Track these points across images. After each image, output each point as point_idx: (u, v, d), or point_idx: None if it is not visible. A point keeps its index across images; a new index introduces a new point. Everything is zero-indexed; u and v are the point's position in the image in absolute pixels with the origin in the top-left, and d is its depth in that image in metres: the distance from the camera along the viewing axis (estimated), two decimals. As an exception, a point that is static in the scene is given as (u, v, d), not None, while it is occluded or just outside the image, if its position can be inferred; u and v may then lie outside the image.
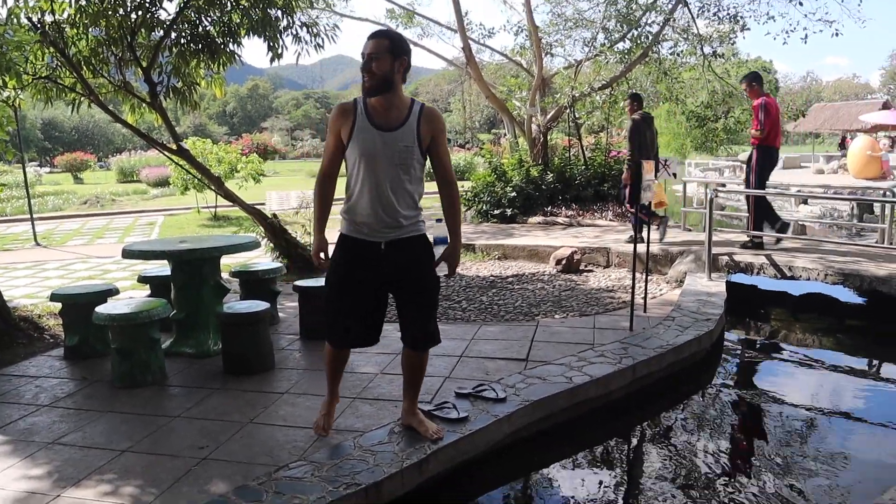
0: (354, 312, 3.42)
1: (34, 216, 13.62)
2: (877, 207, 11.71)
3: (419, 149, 3.26)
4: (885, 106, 31.12)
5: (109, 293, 5.39)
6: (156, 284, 5.96)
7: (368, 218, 3.26)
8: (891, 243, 8.63)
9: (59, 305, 5.45)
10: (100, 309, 4.64)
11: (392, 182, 3.22)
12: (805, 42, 12.73)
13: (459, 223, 3.49)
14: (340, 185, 3.32)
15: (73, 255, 11.13)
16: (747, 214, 8.52)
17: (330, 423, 3.67)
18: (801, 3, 12.42)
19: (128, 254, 5.13)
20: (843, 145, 28.62)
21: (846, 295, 7.55)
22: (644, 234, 6.40)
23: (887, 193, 9.67)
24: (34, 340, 5.70)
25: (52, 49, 6.80)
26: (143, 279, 6.15)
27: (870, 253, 7.84)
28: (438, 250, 3.43)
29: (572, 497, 3.59)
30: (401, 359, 3.64)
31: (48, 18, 6.68)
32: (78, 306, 5.16)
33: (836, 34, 12.45)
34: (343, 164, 3.37)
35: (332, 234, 3.36)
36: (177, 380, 4.70)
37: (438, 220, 3.48)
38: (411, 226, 3.34)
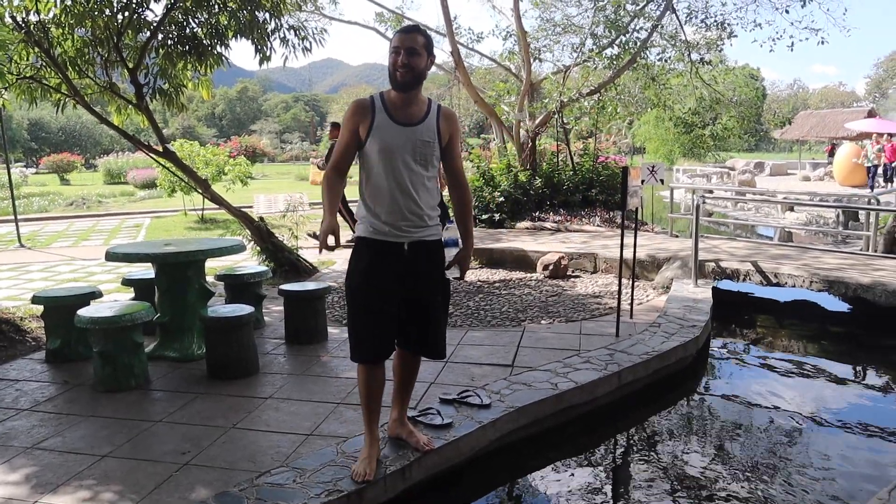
0: (384, 321, 3.22)
1: (18, 217, 13.47)
2: (861, 215, 11.80)
3: (439, 145, 3.22)
4: (871, 114, 31.40)
5: (92, 296, 5.34)
6: (140, 287, 5.91)
7: (391, 216, 3.15)
8: (875, 251, 8.70)
9: (41, 308, 5.39)
10: (82, 312, 4.60)
11: (413, 178, 3.15)
12: (791, 50, 12.87)
13: (472, 225, 3.44)
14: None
15: (57, 257, 11.03)
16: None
17: (373, 468, 3.26)
18: (787, 11, 12.56)
19: (111, 256, 5.08)
20: (832, 153, 28.85)
21: (831, 302, 7.59)
22: (629, 239, 6.40)
23: (872, 201, 9.74)
24: (15, 343, 5.63)
25: (36, 49, 6.73)
26: (127, 282, 6.10)
27: (854, 260, 7.88)
28: (449, 252, 3.37)
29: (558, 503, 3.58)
30: (393, 366, 3.52)
31: (33, 18, 6.61)
32: (60, 309, 5.10)
33: (822, 42, 12.57)
34: (359, 165, 3.27)
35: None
36: (160, 384, 4.65)
37: (449, 222, 3.44)
38: (434, 227, 3.27)
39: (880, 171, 20.36)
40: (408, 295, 3.24)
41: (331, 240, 3.10)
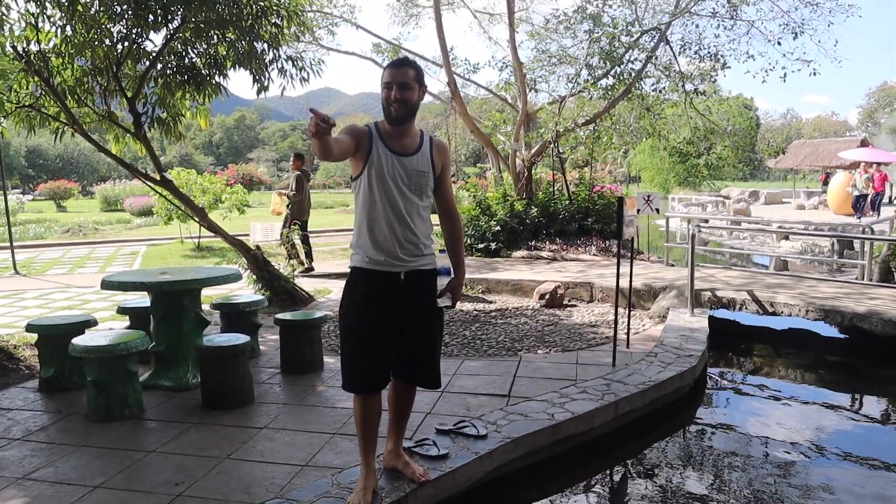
0: (379, 351, 3.22)
1: (14, 244, 13.45)
2: (856, 244, 11.84)
3: (432, 174, 3.27)
4: (863, 143, 31.69)
5: (87, 324, 5.31)
6: (135, 315, 5.89)
7: (387, 244, 3.17)
8: (870, 280, 8.73)
9: (35, 336, 5.37)
10: (76, 340, 4.57)
11: (409, 207, 3.19)
12: (784, 80, 13.00)
13: (463, 255, 3.47)
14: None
15: (52, 285, 11.00)
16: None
17: (367, 500, 3.21)
18: (779, 43, 12.71)
19: (107, 285, 5.07)
20: (826, 182, 29.06)
21: (827, 330, 7.59)
22: (625, 268, 6.41)
23: (866, 230, 9.78)
24: (8, 371, 5.59)
25: (36, 78, 6.78)
26: (122, 310, 6.08)
27: (850, 289, 7.90)
28: (441, 281, 3.37)
29: (554, 536, 3.54)
30: (388, 396, 3.49)
31: (33, 48, 6.67)
32: (54, 337, 5.08)
33: (814, 73, 12.72)
34: (354, 195, 3.27)
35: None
36: (154, 413, 4.62)
37: (441, 251, 3.46)
38: (429, 255, 3.30)
39: (870, 199, 20.31)
40: (403, 324, 3.24)
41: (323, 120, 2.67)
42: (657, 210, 6.46)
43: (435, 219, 3.44)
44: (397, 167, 3.16)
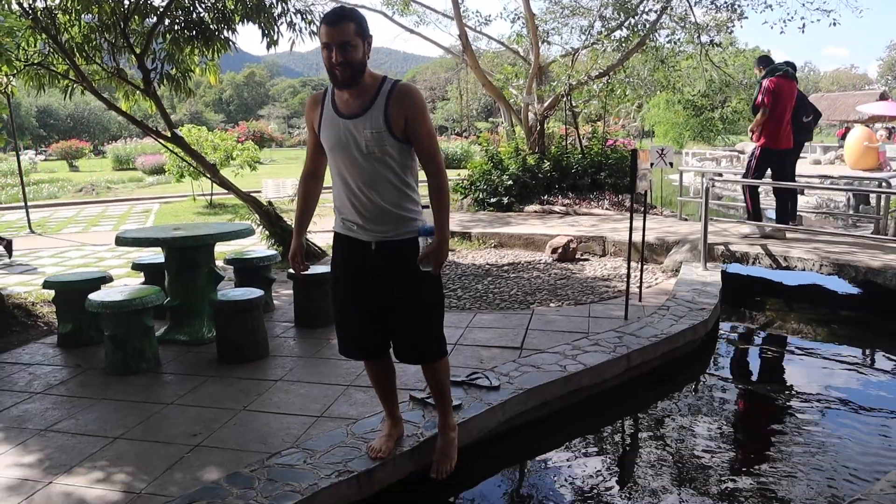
0: (356, 318, 3.15)
1: (28, 204, 13.55)
2: (872, 198, 11.72)
3: (390, 134, 2.83)
4: (883, 97, 31.10)
5: (103, 280, 5.37)
6: (150, 272, 5.94)
7: (351, 214, 2.99)
8: (886, 234, 8.64)
9: (52, 293, 5.43)
10: (93, 296, 4.63)
11: (367, 174, 2.88)
12: (803, 31, 12.74)
13: (447, 216, 2.98)
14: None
15: (67, 243, 11.09)
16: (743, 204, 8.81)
17: (389, 447, 3.26)
18: (799, -8, 12.41)
19: (121, 241, 5.10)
20: (844, 137, 28.55)
21: (841, 285, 7.55)
22: (638, 222, 6.37)
23: (883, 184, 9.66)
24: (27, 328, 5.68)
25: (44, 35, 6.74)
26: (137, 266, 6.13)
27: (865, 243, 7.83)
28: (424, 241, 2.99)
29: (567, 485, 3.59)
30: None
31: (40, 4, 6.62)
32: (71, 294, 5.14)
33: (834, 24, 12.43)
34: None
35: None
36: (170, 367, 4.69)
37: (425, 207, 3.10)
38: (411, 222, 2.98)
39: None
40: (381, 296, 3.08)
41: (298, 260, 3.22)
42: (671, 164, 6.40)
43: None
44: (344, 132, 2.86)
